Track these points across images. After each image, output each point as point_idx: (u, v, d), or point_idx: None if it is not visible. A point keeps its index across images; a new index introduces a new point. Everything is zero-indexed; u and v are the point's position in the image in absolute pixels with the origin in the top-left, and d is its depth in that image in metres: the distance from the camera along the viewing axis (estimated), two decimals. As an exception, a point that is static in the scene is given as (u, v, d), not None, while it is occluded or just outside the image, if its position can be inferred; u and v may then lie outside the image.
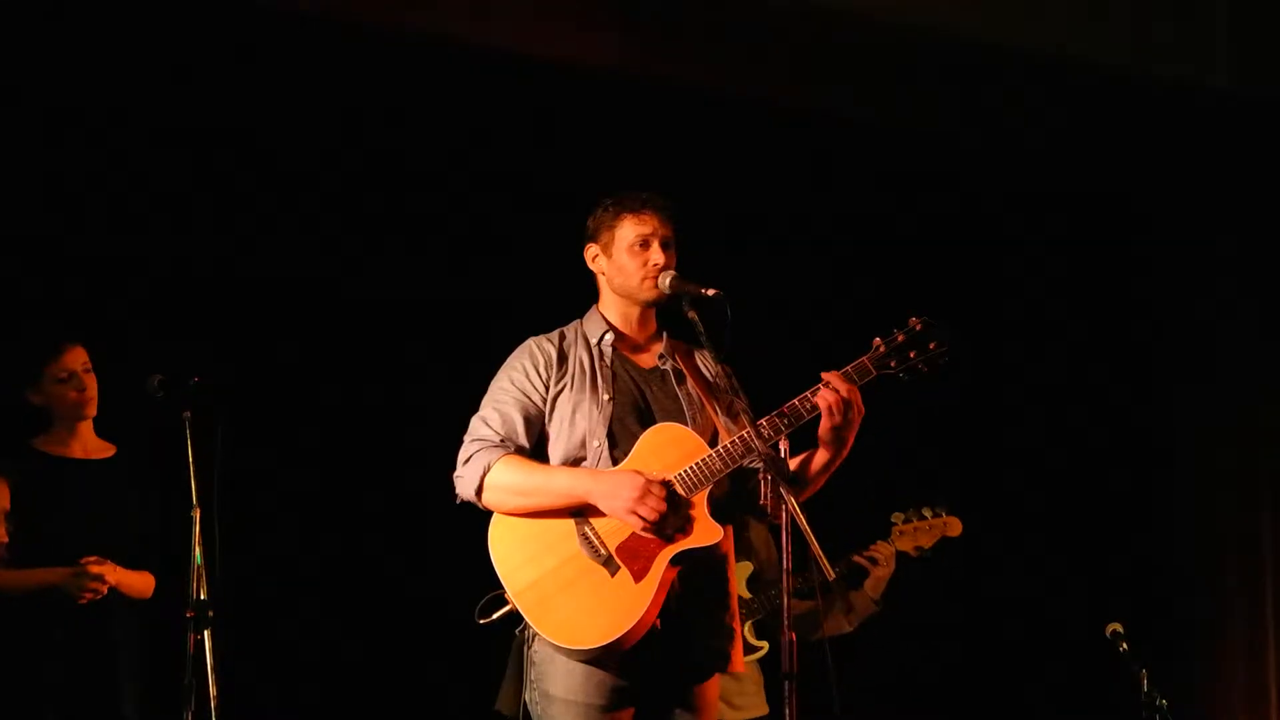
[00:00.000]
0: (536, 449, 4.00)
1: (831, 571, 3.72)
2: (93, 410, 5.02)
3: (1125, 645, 5.34)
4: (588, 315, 4.17)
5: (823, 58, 6.16)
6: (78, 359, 4.99)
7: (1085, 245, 7.11)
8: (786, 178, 6.49)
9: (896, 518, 5.33)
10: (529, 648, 3.93)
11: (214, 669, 4.33)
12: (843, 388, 3.87)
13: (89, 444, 5.05)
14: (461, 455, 3.99)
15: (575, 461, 3.97)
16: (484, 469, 3.91)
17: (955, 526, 5.35)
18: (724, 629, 3.99)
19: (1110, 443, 7.15)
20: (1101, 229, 7.13)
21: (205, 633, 4.35)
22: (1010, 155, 6.79)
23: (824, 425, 3.89)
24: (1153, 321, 7.33)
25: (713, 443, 3.97)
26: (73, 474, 4.98)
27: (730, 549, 4.04)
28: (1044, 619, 6.77)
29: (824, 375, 3.90)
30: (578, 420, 3.99)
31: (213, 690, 4.33)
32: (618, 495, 3.82)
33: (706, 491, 3.90)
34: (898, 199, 6.73)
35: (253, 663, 5.05)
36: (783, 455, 3.82)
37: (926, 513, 5.34)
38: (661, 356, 4.12)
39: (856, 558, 5.27)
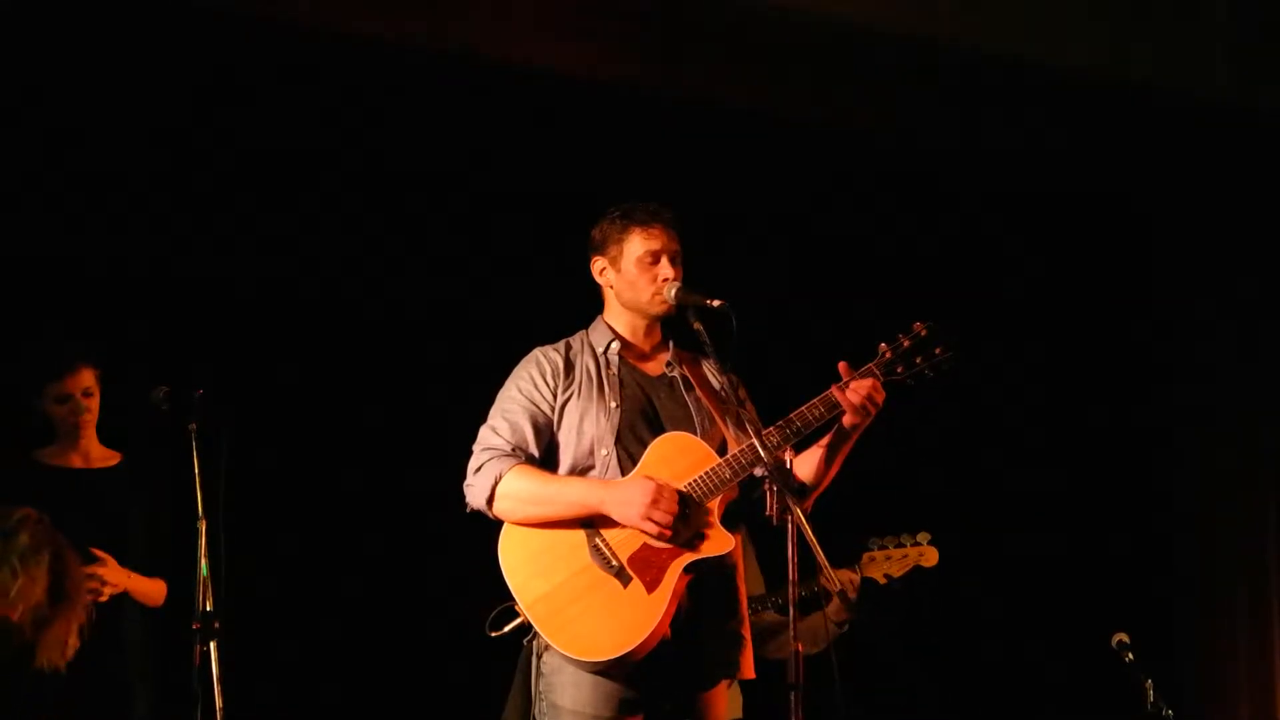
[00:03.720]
0: (545, 458, 3.99)
1: (836, 583, 3.71)
2: (88, 431, 5.01)
3: (1131, 655, 5.33)
4: (593, 325, 4.17)
5: (821, 67, 6.18)
6: (79, 383, 4.97)
7: (1085, 248, 7.12)
8: (786, 185, 6.50)
9: (873, 543, 5.21)
10: (538, 659, 3.91)
11: (220, 680, 4.33)
12: (865, 384, 3.88)
13: (91, 453, 5.04)
14: (472, 465, 3.98)
15: (583, 470, 3.97)
16: (495, 478, 3.90)
17: (931, 557, 5.21)
18: (735, 637, 3.98)
19: (1111, 445, 7.15)
20: (1101, 231, 7.14)
21: (211, 644, 4.35)
22: (1007, 160, 6.81)
23: (847, 420, 3.90)
24: (1152, 323, 7.33)
25: (721, 451, 3.97)
26: (73, 484, 4.96)
27: (740, 557, 4.03)
28: (1048, 628, 6.76)
29: (842, 371, 3.91)
30: (585, 428, 3.98)
31: (219, 701, 4.33)
32: (631, 503, 3.81)
33: (718, 500, 3.90)
34: (899, 205, 6.74)
35: (259, 674, 5.04)
36: (788, 465, 3.83)
37: (905, 540, 5.26)
38: (669, 364, 4.13)
39: (823, 580, 5.20)
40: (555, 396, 4.01)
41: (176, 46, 5.38)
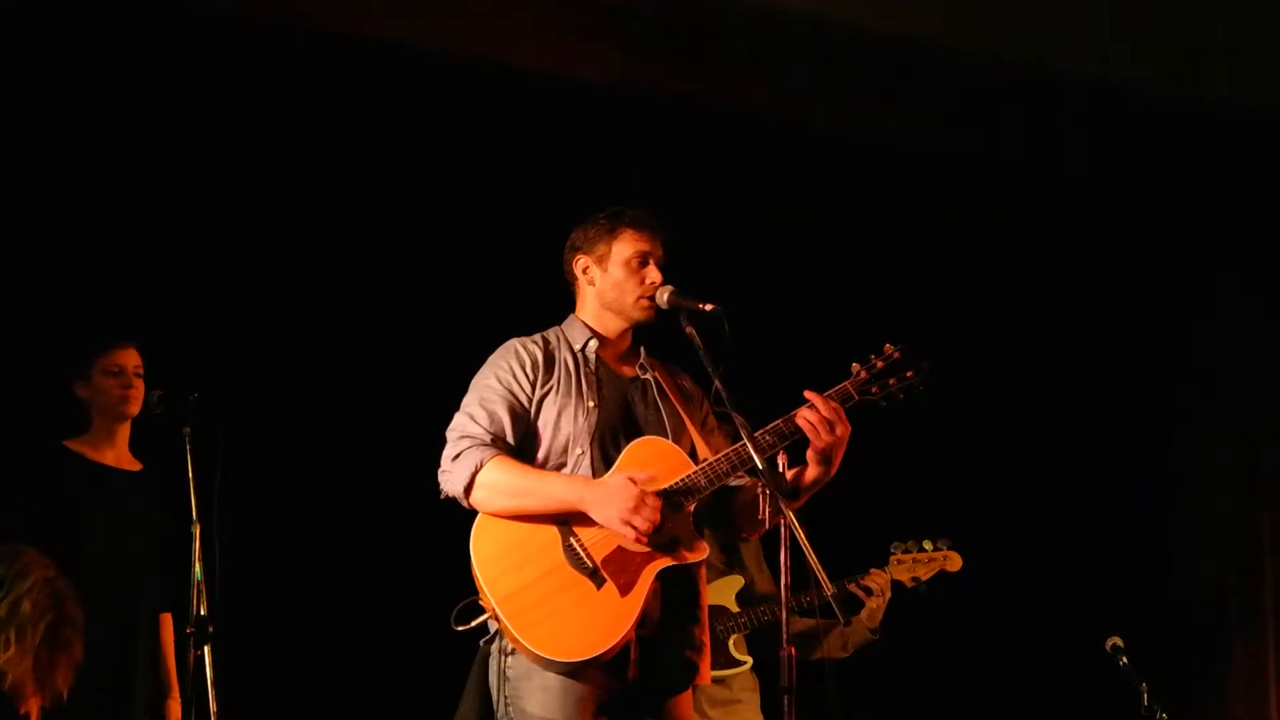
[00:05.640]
0: (519, 449, 3.95)
1: (830, 586, 3.71)
2: (135, 409, 4.96)
3: (1125, 659, 5.34)
4: (568, 322, 4.15)
5: (819, 70, 6.18)
6: (131, 359, 4.98)
7: (1085, 249, 7.12)
8: (786, 194, 6.51)
9: (896, 547, 5.31)
10: (504, 663, 3.88)
11: (214, 684, 4.34)
12: (824, 407, 3.87)
13: (122, 454, 5.01)
14: (449, 452, 3.93)
15: (555, 467, 3.95)
16: (475, 466, 3.85)
17: (955, 561, 5.33)
18: (697, 641, 3.97)
19: (1109, 449, 7.16)
20: (1101, 232, 7.14)
21: (205, 648, 4.35)
22: (1005, 161, 6.81)
23: (811, 445, 3.88)
24: (1152, 325, 7.33)
25: (690, 456, 3.97)
26: (106, 482, 4.93)
27: (702, 563, 4.00)
28: (1043, 632, 6.76)
29: (806, 394, 3.90)
30: (562, 425, 3.96)
31: (213, 705, 4.33)
32: (612, 504, 3.79)
33: (692, 507, 3.90)
34: (896, 207, 6.74)
35: (253, 678, 5.04)
36: (781, 468, 3.83)
37: (927, 545, 5.32)
38: (642, 367, 4.13)
39: (851, 586, 5.25)
40: (534, 389, 3.99)
41: (178, 47, 5.39)
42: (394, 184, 5.92)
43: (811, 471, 3.92)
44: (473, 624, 3.89)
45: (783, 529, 3.71)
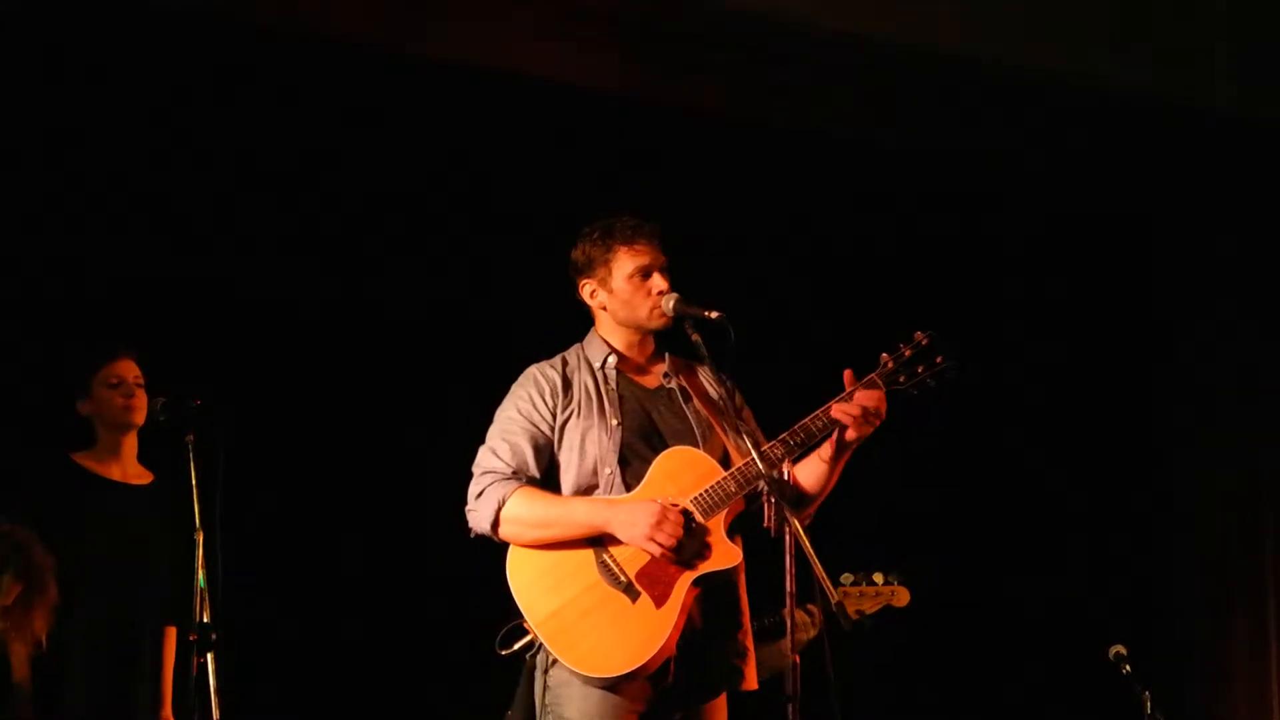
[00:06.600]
0: (546, 477, 3.97)
1: (835, 594, 3.72)
2: (139, 419, 4.93)
3: (1128, 667, 5.34)
4: (587, 339, 4.15)
5: (823, 78, 6.18)
6: (130, 369, 4.96)
7: (1085, 263, 7.13)
8: (789, 199, 6.51)
9: (845, 579, 5.25)
10: (545, 673, 3.90)
11: (217, 691, 4.32)
12: (870, 396, 3.89)
13: (128, 468, 4.99)
14: (473, 490, 3.96)
15: (587, 489, 3.96)
16: (499, 503, 3.89)
17: (902, 597, 5.28)
18: (738, 647, 3.99)
19: (1108, 455, 7.17)
20: (1101, 247, 7.16)
21: (208, 655, 4.34)
22: (1011, 175, 6.82)
23: (849, 435, 3.91)
24: (1152, 340, 7.34)
25: (722, 460, 3.97)
26: (110, 495, 4.91)
27: (742, 568, 4.01)
28: (1045, 640, 6.76)
29: (847, 380, 3.92)
30: (588, 447, 3.97)
31: (215, 713, 4.32)
32: (635, 523, 3.81)
33: (724, 514, 3.90)
34: (899, 220, 6.75)
35: (256, 685, 5.03)
36: (786, 476, 3.83)
37: (877, 578, 5.27)
38: (666, 375, 4.12)
39: (818, 603, 5.21)
40: (555, 416, 3.99)
41: (179, 51, 5.39)
42: (393, 186, 5.92)
43: (838, 457, 3.95)
44: (515, 647, 3.91)
45: (787, 537, 3.70)
